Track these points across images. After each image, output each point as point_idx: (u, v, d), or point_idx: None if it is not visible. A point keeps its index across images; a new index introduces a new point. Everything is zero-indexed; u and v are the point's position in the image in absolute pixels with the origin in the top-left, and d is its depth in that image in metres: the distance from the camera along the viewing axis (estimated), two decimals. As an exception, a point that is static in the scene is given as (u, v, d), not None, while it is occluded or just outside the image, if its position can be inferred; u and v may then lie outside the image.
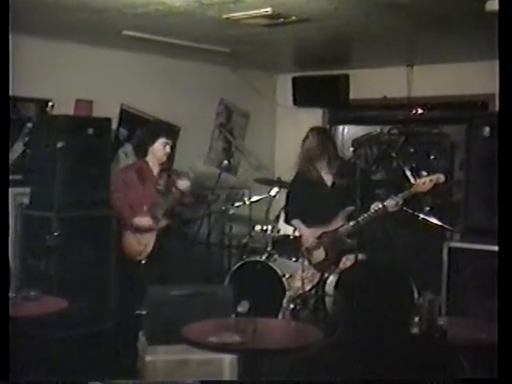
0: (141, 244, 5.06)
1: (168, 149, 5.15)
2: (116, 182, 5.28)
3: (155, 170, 5.19)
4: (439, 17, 4.48)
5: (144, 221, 5.05)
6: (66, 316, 3.96)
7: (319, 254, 4.84)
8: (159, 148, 5.12)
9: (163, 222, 5.06)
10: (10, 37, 2.81)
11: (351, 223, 4.65)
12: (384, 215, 4.71)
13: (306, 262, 4.94)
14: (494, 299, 2.44)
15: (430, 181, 4.52)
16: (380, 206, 4.61)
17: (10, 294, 3.14)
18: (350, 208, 4.67)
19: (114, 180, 5.35)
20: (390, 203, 4.58)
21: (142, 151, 5.23)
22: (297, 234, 5.23)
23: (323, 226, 4.82)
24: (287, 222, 5.25)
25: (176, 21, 4.77)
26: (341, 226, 4.73)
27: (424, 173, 4.93)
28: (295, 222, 5.04)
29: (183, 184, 5.06)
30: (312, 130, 4.98)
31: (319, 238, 4.81)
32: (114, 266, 5.46)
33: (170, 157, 5.28)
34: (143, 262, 5.05)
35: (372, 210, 4.63)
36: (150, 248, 5.05)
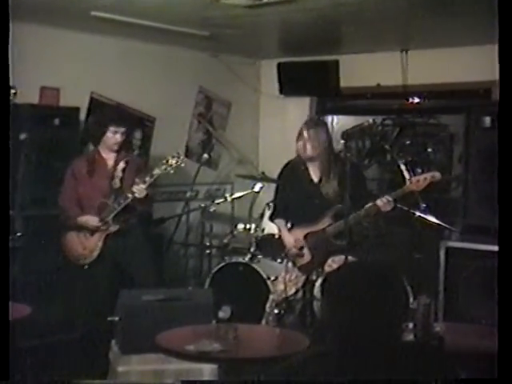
0: (85, 249, 4.96)
1: (119, 136, 4.99)
2: (66, 175, 5.10)
3: (110, 161, 5.08)
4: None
5: (90, 220, 4.93)
6: (29, 324, 3.93)
7: (305, 256, 4.85)
8: (109, 136, 4.99)
9: (113, 228, 4.93)
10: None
11: (339, 223, 4.66)
12: (376, 214, 4.72)
13: (290, 264, 4.94)
14: (496, 303, 2.44)
15: (425, 179, 4.52)
16: (370, 204, 4.62)
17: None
18: (338, 206, 4.68)
19: (65, 173, 5.15)
20: (382, 202, 4.59)
21: (93, 141, 5.16)
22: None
23: (310, 226, 4.82)
24: (271, 219, 5.25)
25: (150, 1, 4.75)
26: (328, 226, 4.74)
27: (419, 170, 4.94)
28: (278, 221, 5.04)
29: (138, 190, 4.84)
30: (306, 123, 4.96)
31: (305, 238, 4.82)
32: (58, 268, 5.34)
33: (126, 147, 5.15)
34: (86, 267, 4.97)
35: (363, 210, 4.64)
36: (95, 254, 4.94)
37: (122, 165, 5.04)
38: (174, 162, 4.89)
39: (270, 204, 6.00)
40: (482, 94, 6.24)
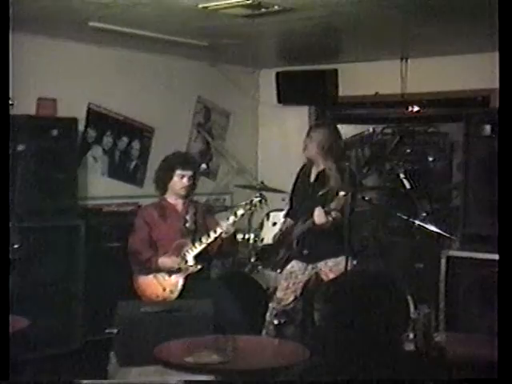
0: (165, 290, 4.87)
1: (186, 180, 4.97)
2: (137, 222, 5.07)
3: (178, 206, 5.05)
4: (436, 4, 4.49)
5: (170, 262, 4.86)
6: (27, 336, 3.92)
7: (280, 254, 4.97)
8: (176, 181, 4.98)
9: (194, 267, 4.85)
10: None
11: (301, 226, 4.79)
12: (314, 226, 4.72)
13: (284, 273, 5.01)
14: (497, 311, 2.43)
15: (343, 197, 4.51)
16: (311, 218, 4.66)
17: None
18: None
19: (135, 220, 5.12)
20: (316, 216, 4.60)
21: (160, 188, 5.09)
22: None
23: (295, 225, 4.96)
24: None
25: (148, 11, 4.75)
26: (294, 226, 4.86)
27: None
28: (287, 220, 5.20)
29: (226, 227, 4.80)
30: (312, 126, 5.03)
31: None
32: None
33: (192, 188, 5.08)
34: None
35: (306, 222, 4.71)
36: (175, 295, 4.86)
37: (192, 209, 5.02)
38: (257, 201, 4.89)
39: (270, 214, 6.01)
40: (480, 102, 6.25)
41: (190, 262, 4.84)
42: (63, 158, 5.49)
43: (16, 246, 4.58)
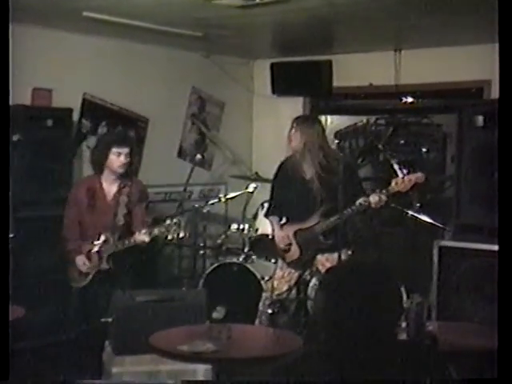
0: (81, 274, 4.84)
1: (123, 158, 4.75)
2: (68, 202, 4.94)
3: (111, 192, 4.85)
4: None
5: (83, 265, 4.77)
6: (23, 325, 3.93)
7: (293, 252, 4.90)
8: (113, 159, 4.75)
9: (105, 265, 4.74)
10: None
11: (332, 219, 4.69)
12: (367, 211, 4.75)
13: (280, 262, 4.99)
14: (488, 301, 2.46)
15: (410, 180, 4.58)
16: (364, 200, 4.65)
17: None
18: (328, 204, 4.73)
19: (70, 195, 4.98)
20: (374, 199, 4.63)
21: (97, 168, 4.87)
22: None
23: (300, 223, 4.86)
24: (266, 216, 5.26)
25: (142, 1, 4.75)
26: (316, 224, 4.78)
27: (405, 171, 4.97)
28: (272, 218, 5.08)
29: (141, 239, 4.63)
30: (296, 119, 5.02)
31: (294, 235, 4.87)
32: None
33: (130, 171, 4.91)
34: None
35: (354, 206, 4.67)
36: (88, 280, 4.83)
37: (125, 198, 4.82)
38: (173, 229, 4.61)
39: (264, 204, 6.01)
40: (474, 94, 6.27)
41: (104, 258, 4.73)
42: (58, 148, 5.49)
43: (11, 236, 4.58)
